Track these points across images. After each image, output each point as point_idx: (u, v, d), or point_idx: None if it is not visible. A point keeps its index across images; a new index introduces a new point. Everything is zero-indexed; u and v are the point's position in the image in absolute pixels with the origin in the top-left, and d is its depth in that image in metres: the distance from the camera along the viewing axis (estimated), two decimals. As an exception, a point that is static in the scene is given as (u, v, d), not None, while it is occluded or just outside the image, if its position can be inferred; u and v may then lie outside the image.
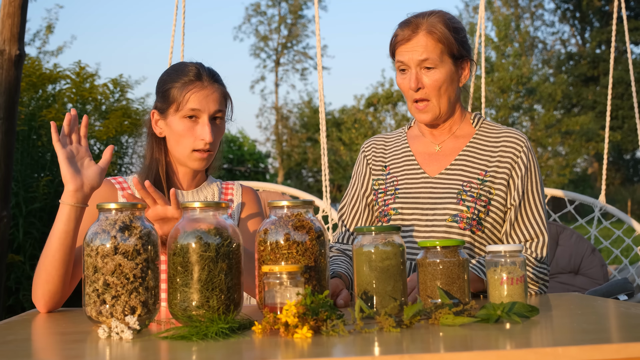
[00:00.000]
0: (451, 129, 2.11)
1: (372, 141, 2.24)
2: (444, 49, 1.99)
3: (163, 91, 1.90)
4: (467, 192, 1.99)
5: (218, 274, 1.40)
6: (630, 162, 28.56)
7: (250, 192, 2.07)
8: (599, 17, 27.72)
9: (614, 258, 5.99)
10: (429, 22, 2.00)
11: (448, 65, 2.01)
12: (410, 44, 2.00)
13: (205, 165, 1.91)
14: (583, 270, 3.39)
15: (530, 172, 2.01)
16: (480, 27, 4.63)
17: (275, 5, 29.08)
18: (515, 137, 2.04)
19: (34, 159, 4.60)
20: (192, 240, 1.40)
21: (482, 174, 2.01)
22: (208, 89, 1.88)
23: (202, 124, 1.87)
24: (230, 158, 15.60)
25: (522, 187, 2.00)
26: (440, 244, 1.48)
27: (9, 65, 3.43)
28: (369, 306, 1.45)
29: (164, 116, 1.91)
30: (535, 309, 1.40)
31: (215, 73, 1.93)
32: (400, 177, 2.10)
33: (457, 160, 2.05)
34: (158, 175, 1.91)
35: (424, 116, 2.04)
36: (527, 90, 22.30)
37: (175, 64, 1.95)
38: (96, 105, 5.04)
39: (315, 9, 4.07)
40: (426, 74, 2.00)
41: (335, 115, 27.18)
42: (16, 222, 4.36)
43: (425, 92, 2.01)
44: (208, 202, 1.45)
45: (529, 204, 2.00)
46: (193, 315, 1.38)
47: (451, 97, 2.05)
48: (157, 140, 1.94)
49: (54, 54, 15.76)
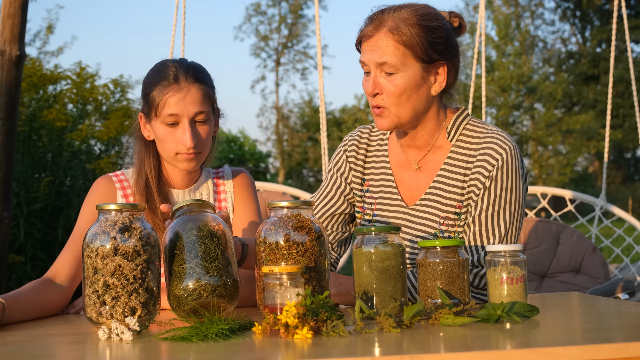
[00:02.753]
0: (428, 143, 1.87)
1: (355, 139, 2.01)
2: (407, 51, 1.75)
3: (144, 95, 1.85)
4: (444, 232, 1.83)
5: (214, 249, 1.44)
6: (631, 160, 28.55)
7: (241, 180, 2.00)
8: (599, 15, 27.69)
9: (615, 257, 5.99)
10: (394, 19, 1.76)
11: (413, 70, 1.76)
12: (372, 41, 1.77)
13: (194, 166, 1.86)
14: (584, 269, 3.38)
15: (497, 192, 1.77)
16: (480, 27, 4.63)
17: (276, 5, 29.07)
18: (493, 151, 1.79)
19: (35, 159, 4.60)
20: (184, 227, 1.46)
21: (459, 205, 1.82)
22: (184, 91, 1.80)
23: (182, 129, 1.80)
24: (231, 158, 15.61)
25: (478, 209, 1.79)
26: (440, 244, 1.48)
27: (10, 65, 3.43)
28: (369, 306, 1.45)
29: (148, 120, 1.87)
30: (536, 309, 1.40)
31: (196, 70, 1.84)
32: (378, 200, 1.93)
33: (433, 186, 1.85)
34: (148, 179, 1.87)
35: (382, 122, 1.80)
36: (528, 89, 22.30)
37: (157, 64, 1.88)
38: (97, 106, 5.04)
39: (316, 9, 4.07)
40: (386, 78, 1.77)
41: (336, 114, 27.18)
42: (17, 223, 4.36)
43: (382, 98, 1.78)
44: (198, 200, 1.52)
45: (485, 228, 1.78)
46: (194, 294, 1.41)
47: (418, 107, 1.79)
48: (146, 144, 1.90)
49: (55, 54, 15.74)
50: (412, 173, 1.90)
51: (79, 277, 1.78)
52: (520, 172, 1.82)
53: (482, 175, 1.79)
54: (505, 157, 1.78)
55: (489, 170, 1.78)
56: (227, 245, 1.48)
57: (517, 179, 1.80)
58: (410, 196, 1.90)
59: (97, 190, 1.89)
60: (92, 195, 1.89)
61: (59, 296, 1.73)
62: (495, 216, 1.78)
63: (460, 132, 1.87)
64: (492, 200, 1.78)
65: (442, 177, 1.85)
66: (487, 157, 1.79)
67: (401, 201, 1.90)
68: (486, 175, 1.78)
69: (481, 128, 1.86)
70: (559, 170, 22.21)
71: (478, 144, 1.83)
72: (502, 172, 1.78)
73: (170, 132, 1.82)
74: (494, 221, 1.78)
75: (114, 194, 1.90)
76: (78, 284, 1.78)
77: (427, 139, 1.87)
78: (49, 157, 4.66)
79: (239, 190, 2.00)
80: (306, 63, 29.37)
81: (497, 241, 1.78)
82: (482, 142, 1.82)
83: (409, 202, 1.89)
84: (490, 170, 1.78)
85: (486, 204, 1.78)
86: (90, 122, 4.99)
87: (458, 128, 1.87)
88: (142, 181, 1.87)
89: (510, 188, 1.78)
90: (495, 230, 1.78)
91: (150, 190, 1.86)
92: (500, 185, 1.78)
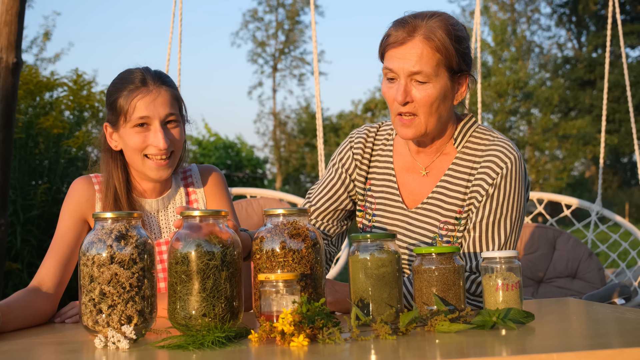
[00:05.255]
0: (439, 150, 1.88)
1: (362, 136, 1.99)
2: (441, 60, 1.73)
3: (110, 103, 1.82)
4: (443, 236, 1.83)
5: (223, 282, 1.40)
6: (628, 165, 28.58)
7: (211, 183, 1.97)
8: (595, 21, 27.76)
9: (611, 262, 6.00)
10: (428, 26, 1.73)
11: (443, 79, 1.75)
12: (404, 48, 1.73)
13: (166, 174, 1.83)
14: (580, 274, 3.39)
15: (499, 200, 1.78)
16: (476, 33, 4.65)
17: (273, 11, 29.12)
18: (498, 159, 1.79)
19: (32, 166, 4.60)
20: (195, 249, 1.40)
21: (460, 210, 1.82)
22: (154, 93, 1.78)
23: (154, 131, 1.78)
24: (228, 164, 15.59)
25: (479, 216, 1.79)
26: (435, 250, 1.49)
27: (6, 73, 3.43)
28: (365, 313, 1.45)
29: (115, 128, 1.83)
30: (531, 315, 1.40)
31: (162, 75, 1.83)
32: (378, 200, 1.93)
33: (436, 191, 1.85)
34: (117, 191, 1.84)
35: (408, 131, 1.78)
36: (524, 95, 22.33)
37: (122, 73, 1.86)
38: (94, 113, 5.04)
39: (312, 15, 4.08)
40: (417, 87, 1.74)
41: (333, 120, 27.18)
42: (14, 230, 4.36)
43: (413, 106, 1.76)
44: (207, 210, 1.45)
45: (485, 235, 1.78)
46: (197, 324, 1.38)
47: (442, 116, 1.79)
48: (113, 155, 1.86)
49: (52, 61, 15.75)
50: (417, 177, 1.90)
51: (65, 283, 1.77)
52: (523, 182, 1.82)
53: (486, 182, 1.79)
54: (509, 166, 1.78)
55: (493, 178, 1.78)
56: (236, 268, 1.44)
57: (519, 189, 1.80)
58: (412, 199, 1.90)
59: (76, 191, 1.85)
60: (71, 197, 1.85)
61: (47, 303, 1.72)
62: (496, 224, 1.78)
63: (467, 139, 1.87)
64: (494, 208, 1.78)
65: (445, 182, 1.85)
66: (491, 165, 1.80)
67: (402, 203, 1.90)
68: (490, 183, 1.79)
69: (487, 135, 1.86)
70: (556, 175, 22.23)
71: (484, 151, 1.83)
72: (505, 181, 1.78)
73: (142, 137, 1.78)
74: (494, 229, 1.78)
75: (92, 196, 1.86)
76: (64, 290, 1.78)
77: (439, 146, 1.88)
78: (46, 164, 4.66)
79: (210, 190, 1.97)
80: (303, 69, 29.41)
81: (496, 249, 1.78)
82: (488, 150, 1.82)
83: (410, 205, 1.89)
84: (494, 177, 1.78)
85: (487, 211, 1.78)
86: (87, 129, 4.99)
87: (465, 135, 1.87)
88: (111, 194, 1.83)
89: (512, 197, 1.79)
90: (495, 238, 1.78)
91: (119, 203, 1.83)
92: (503, 194, 1.78)
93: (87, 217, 1.84)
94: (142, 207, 1.88)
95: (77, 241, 1.80)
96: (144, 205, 1.89)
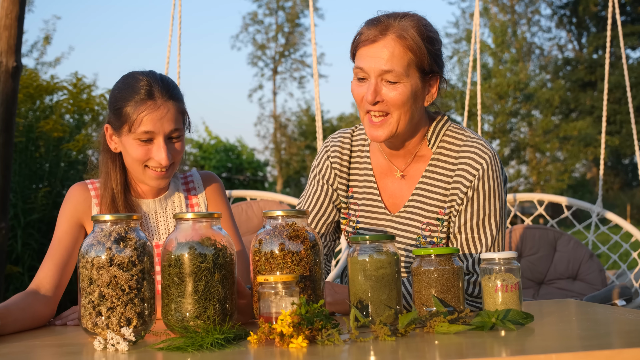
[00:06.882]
0: (412, 152, 1.87)
1: (338, 144, 1.97)
2: (413, 60, 1.71)
3: (115, 109, 1.80)
4: (427, 237, 1.83)
5: (215, 284, 1.41)
6: (629, 166, 28.55)
7: (212, 188, 1.98)
8: (596, 22, 27.78)
9: (612, 263, 5.99)
10: (401, 25, 1.71)
11: (414, 80, 1.74)
12: (375, 46, 1.71)
13: (164, 183, 1.84)
14: (581, 276, 3.39)
15: (480, 202, 1.78)
16: (475, 34, 4.65)
17: (273, 14, 29.15)
18: (473, 160, 1.79)
19: (32, 170, 4.60)
20: (188, 251, 1.41)
21: (441, 212, 1.82)
22: (162, 109, 1.76)
23: (158, 146, 1.77)
24: (229, 167, 15.59)
25: (463, 219, 1.80)
26: (434, 252, 1.49)
27: (6, 77, 3.44)
28: (364, 315, 1.45)
29: (117, 133, 1.82)
30: (530, 316, 1.40)
31: (169, 87, 1.80)
32: (362, 207, 1.93)
33: (416, 193, 1.85)
34: (114, 192, 1.84)
35: (378, 133, 1.76)
36: (525, 96, 22.34)
37: (126, 76, 1.83)
38: (94, 116, 5.05)
39: (311, 18, 4.09)
40: (387, 87, 1.72)
41: (334, 122, 27.20)
42: (14, 233, 4.36)
43: (384, 105, 1.74)
44: (200, 212, 1.45)
45: (472, 236, 1.79)
46: (189, 326, 1.38)
47: (413, 117, 1.78)
48: (112, 156, 1.86)
49: (52, 64, 15.78)
50: (394, 180, 1.90)
51: (63, 286, 1.78)
52: (501, 179, 1.83)
53: (464, 185, 1.80)
54: (485, 167, 1.79)
55: (470, 181, 1.79)
56: (229, 270, 1.44)
57: (499, 186, 1.81)
58: (393, 204, 1.90)
59: (72, 197, 1.86)
60: (68, 203, 1.86)
61: (46, 306, 1.72)
62: (480, 225, 1.79)
63: (441, 139, 1.86)
64: (477, 210, 1.79)
65: (424, 185, 1.85)
66: (467, 168, 1.80)
67: (385, 209, 1.90)
68: (467, 185, 1.79)
69: (460, 135, 1.86)
70: (557, 176, 22.22)
71: (458, 152, 1.83)
72: (483, 182, 1.79)
73: (145, 150, 1.78)
74: (480, 230, 1.79)
75: (88, 201, 1.86)
76: (62, 293, 1.78)
77: (411, 148, 1.87)
78: (46, 168, 4.67)
79: (212, 195, 1.97)
80: (303, 71, 29.43)
81: (484, 249, 1.79)
82: (462, 151, 1.82)
83: (393, 210, 1.89)
84: (472, 180, 1.79)
85: (470, 214, 1.79)
86: (87, 132, 4.99)
87: (438, 135, 1.86)
88: (109, 194, 1.84)
89: (492, 196, 1.80)
90: (482, 239, 1.79)
91: (116, 203, 1.84)
92: (483, 194, 1.79)
93: (83, 222, 1.84)
94: (140, 208, 1.89)
95: (75, 245, 1.81)
96: (142, 206, 1.90)
